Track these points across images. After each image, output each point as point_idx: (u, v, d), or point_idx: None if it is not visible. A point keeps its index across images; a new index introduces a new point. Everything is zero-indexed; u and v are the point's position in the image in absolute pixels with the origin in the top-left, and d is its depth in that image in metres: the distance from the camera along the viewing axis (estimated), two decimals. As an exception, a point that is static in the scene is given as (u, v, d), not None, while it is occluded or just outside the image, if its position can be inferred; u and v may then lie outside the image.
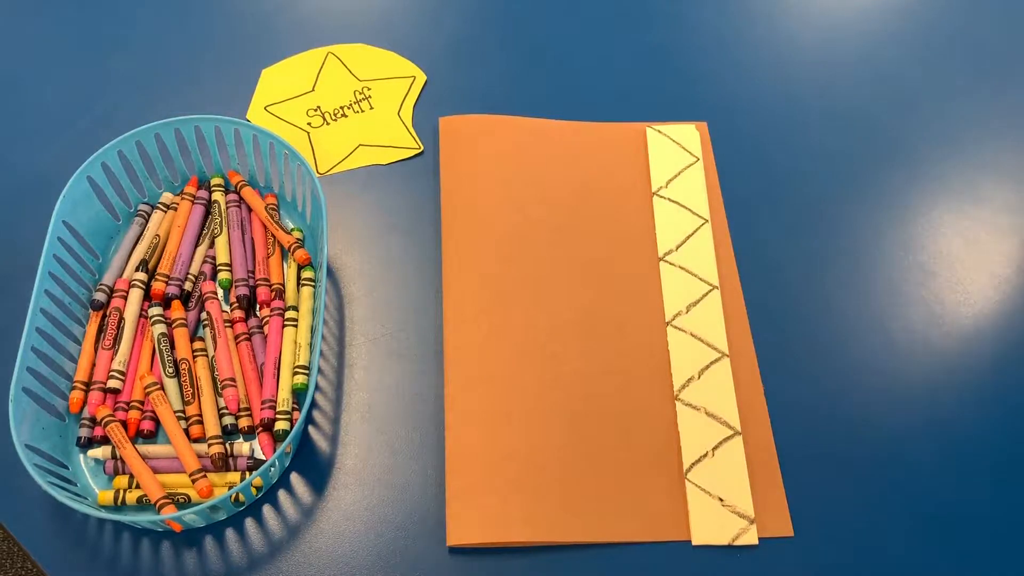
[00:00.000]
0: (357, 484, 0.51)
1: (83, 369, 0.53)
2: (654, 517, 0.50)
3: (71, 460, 0.51)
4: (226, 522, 0.50)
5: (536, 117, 0.66)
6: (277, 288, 0.56)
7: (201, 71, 0.70)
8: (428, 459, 0.52)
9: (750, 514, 0.50)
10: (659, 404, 0.54)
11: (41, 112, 0.67)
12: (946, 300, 0.59)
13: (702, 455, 0.52)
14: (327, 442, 0.53)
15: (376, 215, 0.62)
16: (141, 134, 0.57)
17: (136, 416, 0.52)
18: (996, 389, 0.56)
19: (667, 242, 0.60)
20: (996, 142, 0.68)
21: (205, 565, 0.48)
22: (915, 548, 0.50)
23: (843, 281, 0.60)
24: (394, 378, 0.55)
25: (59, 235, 0.54)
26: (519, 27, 0.74)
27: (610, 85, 0.70)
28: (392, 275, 0.59)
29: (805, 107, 0.69)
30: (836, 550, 0.50)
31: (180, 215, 0.59)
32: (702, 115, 0.68)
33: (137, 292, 0.55)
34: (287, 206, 0.61)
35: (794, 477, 0.52)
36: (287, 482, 0.51)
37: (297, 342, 0.54)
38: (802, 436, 0.53)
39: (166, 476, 0.50)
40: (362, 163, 0.65)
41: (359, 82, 0.69)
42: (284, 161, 0.58)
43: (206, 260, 0.58)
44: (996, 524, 0.50)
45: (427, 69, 0.70)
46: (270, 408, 0.51)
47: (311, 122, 0.67)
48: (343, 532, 0.50)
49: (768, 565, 0.49)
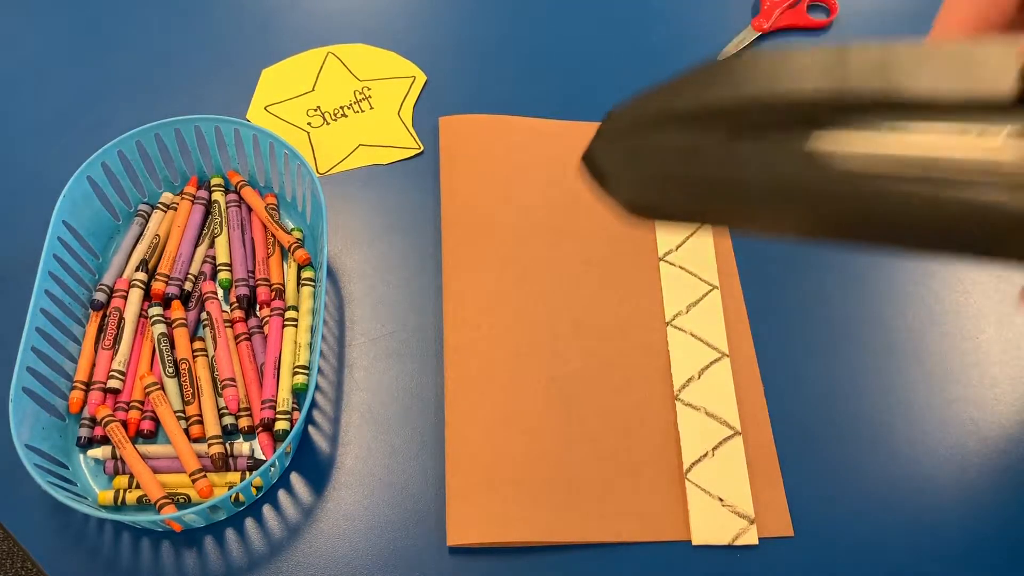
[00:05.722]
0: (357, 484, 0.51)
1: (83, 369, 0.53)
2: (654, 517, 0.50)
3: (71, 460, 0.51)
4: (226, 522, 0.50)
5: (536, 117, 0.66)
6: (277, 288, 0.56)
7: (201, 71, 0.70)
8: (428, 459, 0.52)
9: (750, 514, 0.50)
10: (659, 404, 0.54)
11: (41, 112, 0.67)
12: (946, 299, 0.59)
13: (702, 455, 0.52)
14: (327, 442, 0.53)
15: (376, 215, 0.62)
16: (141, 134, 0.57)
17: (136, 416, 0.52)
18: (997, 388, 0.56)
19: (667, 242, 0.60)
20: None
21: (205, 565, 0.48)
22: (916, 548, 0.50)
23: (843, 281, 0.60)
24: (394, 378, 0.55)
25: (59, 235, 0.54)
26: (519, 27, 0.74)
27: (610, 85, 0.70)
28: (392, 275, 0.59)
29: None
30: (836, 550, 0.50)
31: (180, 215, 0.59)
32: (702, 115, 0.68)
33: (137, 292, 0.55)
34: (287, 206, 0.61)
35: (794, 477, 0.52)
36: (287, 482, 0.51)
37: (297, 342, 0.54)
38: (802, 436, 0.53)
39: (166, 476, 0.50)
40: (362, 163, 0.65)
41: (359, 82, 0.69)
42: (284, 161, 0.58)
43: (206, 260, 0.58)
44: (997, 524, 0.50)
45: (427, 69, 0.70)
46: (270, 408, 0.51)
47: (311, 122, 0.67)
48: (343, 532, 0.50)
49: (768, 565, 0.49)
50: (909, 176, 0.24)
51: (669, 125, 0.27)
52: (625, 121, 0.29)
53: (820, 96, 0.24)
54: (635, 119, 0.29)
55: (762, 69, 0.26)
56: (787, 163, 0.25)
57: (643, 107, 0.28)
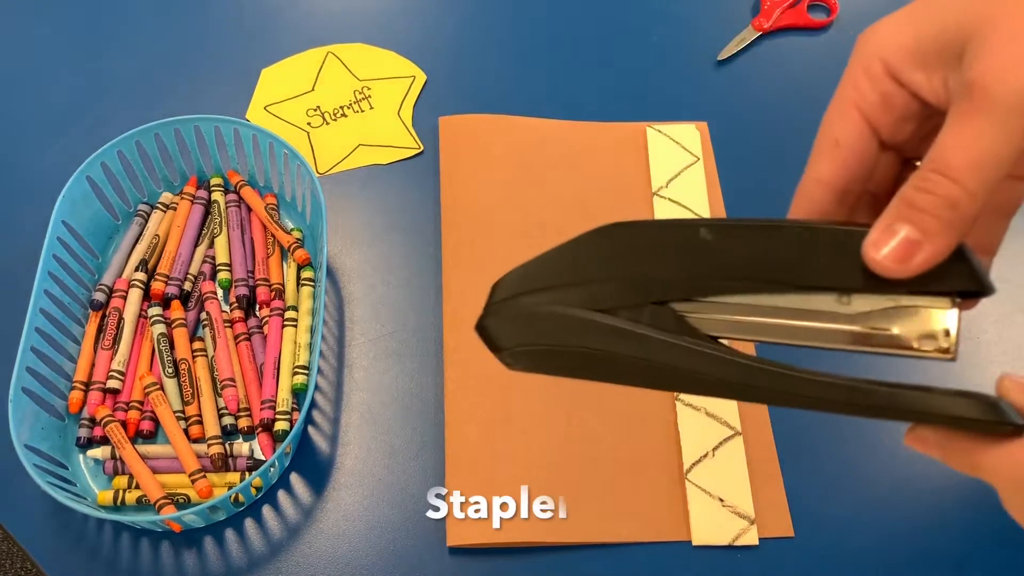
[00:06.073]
0: (357, 484, 0.51)
1: (82, 369, 0.52)
2: (654, 517, 0.50)
3: (71, 460, 0.51)
4: (226, 522, 0.50)
5: (536, 117, 0.66)
6: (277, 288, 0.56)
7: (200, 71, 0.70)
8: (428, 458, 0.52)
9: (750, 514, 0.50)
10: (659, 404, 0.54)
11: (41, 112, 0.67)
12: (946, 300, 0.59)
13: (702, 455, 0.52)
14: (327, 442, 0.53)
15: (376, 215, 0.62)
16: (140, 134, 0.57)
17: (136, 416, 0.51)
18: (996, 389, 0.56)
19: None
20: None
21: (204, 566, 0.48)
22: (916, 548, 0.50)
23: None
24: (394, 378, 0.55)
25: (59, 235, 0.53)
26: (519, 27, 0.73)
27: (610, 85, 0.70)
28: (392, 275, 0.59)
29: (806, 106, 0.69)
30: (837, 550, 0.50)
31: (180, 215, 0.59)
32: (702, 115, 0.68)
33: (137, 292, 0.55)
34: (287, 206, 0.61)
35: (794, 477, 0.52)
36: (287, 482, 0.51)
37: (297, 342, 0.54)
38: (802, 436, 0.53)
39: (166, 476, 0.50)
40: (362, 163, 0.65)
41: (359, 82, 0.69)
42: (284, 161, 0.58)
43: (205, 260, 0.58)
44: (997, 525, 0.50)
45: (427, 69, 0.70)
46: (270, 408, 0.51)
47: (311, 122, 0.67)
48: (343, 532, 0.50)
49: (768, 565, 0.49)
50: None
51: (543, 298, 0.31)
52: (506, 294, 0.33)
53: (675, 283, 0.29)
54: (515, 293, 0.32)
55: (616, 251, 0.31)
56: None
57: (521, 283, 0.33)
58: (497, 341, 0.32)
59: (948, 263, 0.27)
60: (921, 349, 0.28)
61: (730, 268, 0.28)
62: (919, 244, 0.26)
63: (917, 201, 0.26)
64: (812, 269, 0.28)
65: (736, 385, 0.29)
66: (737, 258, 0.28)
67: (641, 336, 0.29)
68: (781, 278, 0.28)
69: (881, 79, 0.30)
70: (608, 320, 0.30)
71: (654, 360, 0.29)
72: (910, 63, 0.29)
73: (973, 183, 0.26)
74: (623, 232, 0.31)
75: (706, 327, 0.29)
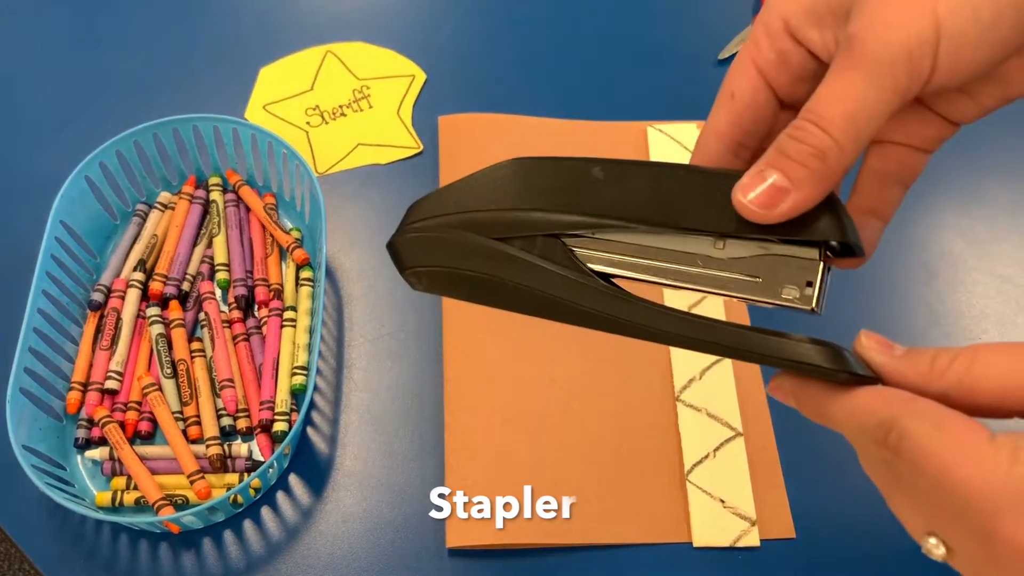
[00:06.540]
0: (356, 485, 0.51)
1: (81, 370, 0.52)
2: (655, 518, 0.50)
3: (69, 461, 0.51)
4: (224, 524, 0.50)
5: (536, 116, 0.66)
6: (275, 288, 0.56)
7: (199, 70, 0.69)
8: (428, 459, 0.52)
9: (751, 515, 0.50)
10: (660, 405, 0.54)
11: (39, 112, 0.67)
12: (948, 300, 0.59)
13: (703, 456, 0.52)
14: (326, 443, 0.53)
15: (375, 215, 0.62)
16: (139, 133, 0.57)
17: (134, 417, 0.51)
18: (998, 389, 0.55)
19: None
20: (999, 142, 0.68)
21: (203, 567, 0.48)
22: (917, 549, 0.50)
23: (844, 280, 0.60)
24: (393, 378, 0.55)
25: (56, 235, 0.53)
26: (519, 26, 0.73)
27: (610, 84, 0.69)
28: (391, 275, 0.58)
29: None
30: (838, 551, 0.49)
31: (178, 215, 0.59)
32: (703, 114, 0.67)
33: (135, 292, 0.55)
34: (286, 206, 0.61)
35: (796, 478, 0.52)
36: (286, 483, 0.51)
37: (296, 342, 0.53)
38: (804, 437, 0.53)
39: (164, 477, 0.50)
40: (361, 162, 0.64)
41: (358, 81, 0.69)
42: (283, 160, 0.58)
43: (204, 260, 0.57)
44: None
45: (427, 68, 0.69)
46: (268, 409, 0.51)
47: (310, 121, 0.67)
48: (342, 534, 0.50)
49: (770, 567, 0.49)
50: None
51: (449, 221, 0.33)
52: (417, 216, 0.34)
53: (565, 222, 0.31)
54: (426, 215, 0.34)
55: (518, 189, 0.32)
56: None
57: (433, 207, 0.34)
58: (403, 260, 0.34)
59: (817, 213, 0.27)
60: (783, 298, 0.29)
61: (617, 206, 0.30)
62: (786, 191, 0.27)
63: (788, 149, 0.27)
64: (690, 212, 0.29)
65: (603, 316, 0.31)
66: (624, 197, 0.30)
67: (526, 263, 0.31)
68: (662, 219, 0.29)
69: (779, 36, 0.30)
70: (500, 247, 0.31)
71: (535, 288, 0.31)
72: (806, 20, 0.29)
73: (843, 136, 0.26)
74: (527, 167, 0.32)
75: (591, 261, 0.31)
